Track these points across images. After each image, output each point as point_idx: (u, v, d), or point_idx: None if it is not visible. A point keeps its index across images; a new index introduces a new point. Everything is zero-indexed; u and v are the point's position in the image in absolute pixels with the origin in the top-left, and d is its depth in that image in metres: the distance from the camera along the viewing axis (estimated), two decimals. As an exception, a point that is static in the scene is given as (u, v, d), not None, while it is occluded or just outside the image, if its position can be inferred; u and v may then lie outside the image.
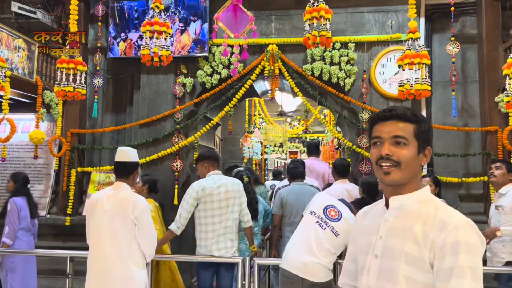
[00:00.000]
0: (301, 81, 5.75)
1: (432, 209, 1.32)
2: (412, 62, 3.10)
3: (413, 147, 1.35)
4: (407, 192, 1.36)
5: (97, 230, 3.01)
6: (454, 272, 1.18)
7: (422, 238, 1.26)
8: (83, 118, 6.19)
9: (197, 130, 5.98)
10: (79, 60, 3.35)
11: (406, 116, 1.38)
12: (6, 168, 6.26)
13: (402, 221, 1.33)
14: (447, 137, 5.75)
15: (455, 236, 1.22)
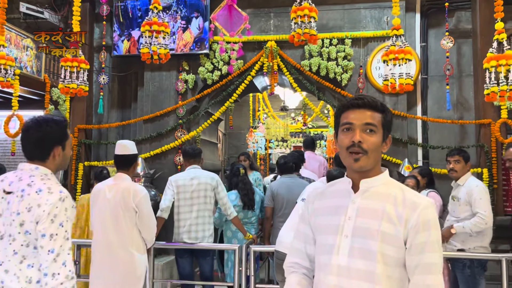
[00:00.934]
0: (300, 76, 5.91)
1: (398, 190, 1.47)
2: (396, 58, 3.25)
3: (380, 135, 1.47)
4: (374, 175, 1.48)
5: (101, 218, 3.22)
6: (427, 247, 1.37)
7: (396, 218, 1.40)
8: (89, 114, 6.41)
9: (199, 125, 6.18)
10: (82, 59, 3.56)
11: (376, 105, 1.49)
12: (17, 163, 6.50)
13: (372, 202, 1.45)
14: (442, 130, 5.88)
15: (426, 215, 1.40)
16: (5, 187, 1.87)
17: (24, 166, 1.92)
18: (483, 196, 3.50)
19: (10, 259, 1.80)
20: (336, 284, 1.43)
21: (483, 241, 3.58)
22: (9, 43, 4.91)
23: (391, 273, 1.39)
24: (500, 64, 3.07)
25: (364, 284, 1.39)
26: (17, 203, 1.81)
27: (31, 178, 1.86)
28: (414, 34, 5.91)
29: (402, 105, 5.74)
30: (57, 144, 1.96)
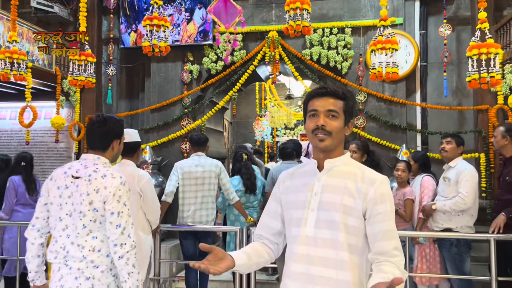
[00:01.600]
0: (301, 65, 6.06)
1: (357, 169, 1.66)
2: (384, 48, 3.40)
3: (342, 120, 1.63)
4: (336, 156, 1.67)
5: None
6: (384, 216, 1.56)
7: (356, 192, 1.58)
8: (99, 104, 6.66)
9: (204, 114, 6.39)
10: (89, 53, 3.77)
11: (337, 94, 1.66)
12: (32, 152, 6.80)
13: (335, 180, 1.63)
14: (441, 116, 6.00)
15: (382, 189, 1.59)
16: (73, 173, 2.19)
17: (88, 156, 2.25)
18: (469, 178, 3.65)
19: (79, 232, 2.12)
20: (305, 253, 1.61)
21: (469, 221, 3.74)
22: (21, 37, 5.15)
23: (352, 240, 1.57)
24: (481, 52, 3.20)
25: (329, 251, 1.58)
26: (86, 186, 2.13)
27: (95, 166, 2.19)
28: (414, 22, 6.01)
29: (401, 92, 5.87)
30: (116, 138, 2.32)
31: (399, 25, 5.90)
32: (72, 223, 2.14)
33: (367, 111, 5.90)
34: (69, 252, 2.12)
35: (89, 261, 2.11)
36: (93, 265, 2.12)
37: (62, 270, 2.13)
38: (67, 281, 2.10)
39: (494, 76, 3.18)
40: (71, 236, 2.14)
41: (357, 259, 1.58)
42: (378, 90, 5.90)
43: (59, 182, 2.20)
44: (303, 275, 1.60)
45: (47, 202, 2.23)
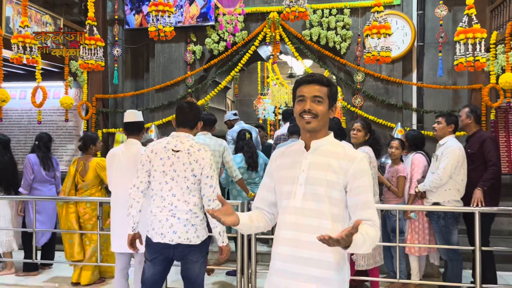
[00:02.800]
0: (301, 46, 6.23)
1: (340, 148, 1.89)
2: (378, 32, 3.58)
3: (326, 104, 1.86)
4: (321, 137, 1.90)
5: (117, 179, 3.67)
6: (363, 189, 1.79)
7: (338, 168, 1.82)
8: (105, 85, 6.88)
9: (207, 93, 6.61)
10: (98, 37, 3.96)
11: (322, 81, 1.88)
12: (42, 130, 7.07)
13: (320, 158, 1.86)
14: (437, 95, 6.19)
15: (361, 165, 1.82)
16: (172, 147, 2.80)
17: (180, 134, 2.85)
18: (449, 155, 3.87)
19: (184, 192, 2.78)
20: (293, 221, 1.86)
21: (456, 195, 3.99)
22: (30, 20, 5.33)
23: (335, 211, 1.82)
24: (467, 37, 3.38)
25: (314, 219, 1.83)
26: (187, 158, 2.79)
27: (189, 142, 2.83)
28: (411, 3, 6.13)
29: (397, 72, 6.05)
30: (199, 120, 2.99)
31: (397, 5, 6.04)
32: (176, 185, 2.78)
33: (364, 91, 6.10)
34: (177, 207, 2.76)
35: (193, 212, 2.78)
36: (196, 215, 2.80)
37: (171, 220, 2.76)
38: (179, 228, 2.75)
39: (479, 60, 3.36)
40: (177, 195, 2.78)
41: (339, 227, 1.81)
42: (376, 70, 6.08)
43: (160, 154, 2.79)
44: (292, 241, 1.85)
45: (149, 169, 2.83)
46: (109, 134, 6.91)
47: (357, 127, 4.09)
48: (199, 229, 2.82)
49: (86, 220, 4.40)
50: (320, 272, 1.80)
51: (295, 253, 1.83)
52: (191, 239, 2.80)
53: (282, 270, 1.87)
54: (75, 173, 4.44)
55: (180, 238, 2.76)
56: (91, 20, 3.97)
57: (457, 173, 3.97)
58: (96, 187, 4.47)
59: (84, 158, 4.50)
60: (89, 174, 4.39)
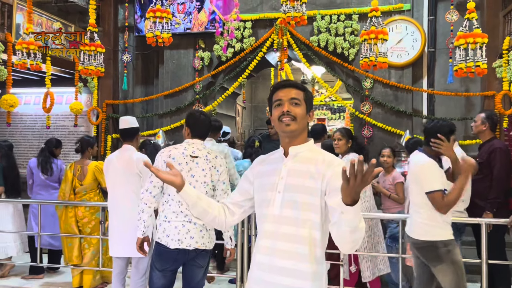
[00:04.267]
0: (309, 52, 6.18)
1: (319, 155, 1.84)
2: (376, 37, 3.50)
3: (303, 108, 1.82)
4: (300, 143, 1.85)
5: (113, 184, 3.71)
6: None
7: (316, 174, 1.77)
8: (116, 91, 6.97)
9: (215, 100, 6.61)
10: (98, 43, 4.01)
11: (298, 85, 1.86)
12: (54, 135, 7.21)
13: (299, 165, 1.82)
14: (449, 102, 6.03)
15: (339, 169, 1.75)
16: (190, 153, 2.87)
17: (195, 141, 2.94)
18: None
19: None
20: (271, 230, 1.82)
21: (459, 206, 3.84)
22: (41, 27, 5.46)
23: (312, 217, 1.76)
24: (468, 42, 3.27)
25: (291, 228, 1.77)
26: (206, 164, 2.87)
27: (205, 149, 2.93)
28: (422, 8, 6.01)
29: (407, 79, 5.93)
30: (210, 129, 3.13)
31: (407, 11, 5.93)
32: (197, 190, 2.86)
33: (373, 97, 5.99)
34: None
35: None
36: None
37: (187, 226, 2.79)
38: (195, 233, 2.79)
39: (479, 66, 3.24)
40: None
41: (316, 234, 1.76)
42: (384, 77, 5.97)
43: (179, 159, 2.84)
44: (269, 249, 1.81)
45: None
46: (119, 140, 6.97)
47: (337, 136, 3.99)
48: (211, 234, 2.89)
49: (85, 224, 4.43)
50: (295, 282, 1.75)
51: (271, 262, 1.79)
52: (206, 244, 2.86)
53: (258, 279, 1.83)
54: (72, 177, 4.48)
55: (198, 243, 2.81)
56: (92, 26, 4.02)
57: None
58: (94, 190, 4.50)
59: (80, 162, 4.53)
60: (87, 178, 4.43)
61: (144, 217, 2.91)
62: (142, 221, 2.92)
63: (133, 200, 3.63)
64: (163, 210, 2.89)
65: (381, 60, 3.61)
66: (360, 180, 1.43)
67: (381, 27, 3.59)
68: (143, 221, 2.92)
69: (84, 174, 4.44)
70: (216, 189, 2.94)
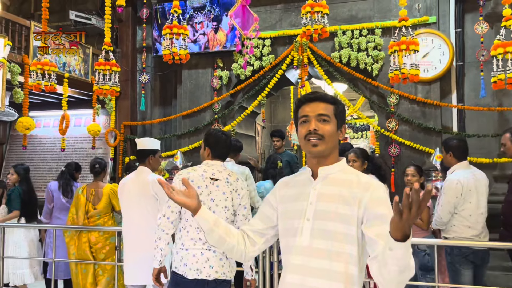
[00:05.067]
0: (330, 68, 5.97)
1: (353, 176, 1.60)
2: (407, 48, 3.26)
3: (333, 124, 1.61)
4: (331, 163, 1.62)
5: (128, 208, 3.56)
6: (384, 218, 1.45)
7: (351, 199, 1.53)
8: (134, 112, 6.88)
9: (234, 119, 6.43)
10: (113, 62, 3.90)
11: (326, 98, 1.63)
12: (73, 158, 7.14)
13: (330, 188, 1.58)
14: (480, 118, 5.69)
15: (377, 193, 1.53)
16: (210, 176, 2.67)
17: (215, 163, 2.74)
18: (446, 191, 3.42)
19: None
20: (300, 263, 1.57)
21: (464, 232, 3.44)
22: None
23: (347, 249, 1.51)
24: (507, 51, 3.00)
25: (324, 261, 1.53)
26: (226, 187, 2.66)
27: (226, 171, 2.73)
28: (449, 20, 5.76)
29: (435, 94, 5.64)
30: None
31: (433, 24, 5.68)
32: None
33: (399, 114, 5.72)
34: None
35: None
36: None
37: (206, 254, 2.57)
38: (215, 262, 2.57)
39: (520, 76, 2.97)
40: None
41: (353, 270, 1.52)
42: (411, 92, 5.70)
43: (198, 182, 2.63)
44: (298, 286, 1.57)
45: None
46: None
47: (351, 158, 3.75)
48: (232, 263, 2.69)
49: (99, 249, 4.23)
50: None
51: None
52: (227, 273, 2.64)
53: None
54: (85, 201, 4.29)
55: (218, 272, 2.59)
56: (107, 45, 3.92)
57: (462, 208, 3.45)
58: (108, 214, 4.32)
59: (94, 185, 4.35)
60: (102, 201, 4.25)
61: (162, 245, 2.68)
62: (159, 249, 2.68)
63: (149, 224, 3.46)
64: (180, 237, 2.66)
65: (414, 72, 3.35)
66: (416, 212, 1.20)
67: (411, 37, 3.35)
68: (160, 249, 2.68)
69: (99, 198, 4.26)
70: (236, 214, 2.73)
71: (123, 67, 6.66)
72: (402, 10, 3.51)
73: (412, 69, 3.34)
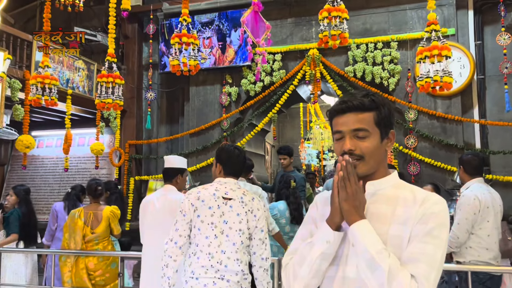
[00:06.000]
0: (344, 83, 5.72)
1: (408, 192, 1.32)
2: (439, 54, 2.99)
3: (376, 136, 1.32)
4: (380, 177, 1.34)
5: (152, 228, 3.28)
6: (423, 237, 1.21)
7: (405, 219, 1.26)
8: (139, 130, 6.64)
9: (243, 137, 6.17)
10: (117, 74, 3.67)
11: (364, 105, 1.32)
12: (76, 178, 6.89)
13: (380, 206, 1.32)
14: (504, 134, 5.39)
15: (431, 208, 1.25)
16: (223, 194, 2.41)
17: (229, 180, 2.48)
18: (462, 207, 3.09)
19: (238, 248, 2.34)
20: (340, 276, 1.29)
21: (482, 255, 3.07)
22: (62, 65, 5.22)
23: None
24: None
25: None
26: (241, 208, 2.40)
27: (240, 190, 2.47)
28: (468, 33, 5.53)
29: (456, 109, 5.35)
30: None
31: (451, 36, 5.43)
32: (227, 240, 2.35)
33: (418, 130, 5.42)
34: (227, 266, 2.32)
35: (244, 274, 2.36)
36: (245, 277, 2.37)
37: (219, 284, 2.30)
38: None
39: None
40: (227, 251, 2.34)
41: None
42: (430, 107, 5.42)
43: (209, 203, 2.37)
44: None
45: (191, 220, 2.39)
46: (142, 182, 6.57)
47: None
48: None
49: (98, 276, 3.89)
50: None
51: None
52: None
53: None
54: (83, 225, 3.97)
55: None
56: (111, 56, 3.69)
57: (479, 227, 3.10)
58: (107, 239, 4.00)
59: (93, 208, 4.02)
60: (101, 225, 3.93)
61: (169, 273, 2.39)
62: (166, 278, 2.40)
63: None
64: (190, 264, 2.36)
65: (447, 80, 3.06)
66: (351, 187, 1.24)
67: (442, 42, 3.08)
68: (167, 278, 2.40)
69: (98, 221, 3.94)
70: (252, 238, 2.42)
71: (129, 84, 6.46)
72: (431, 14, 3.25)
73: (446, 76, 3.05)
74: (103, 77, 3.61)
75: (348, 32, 3.16)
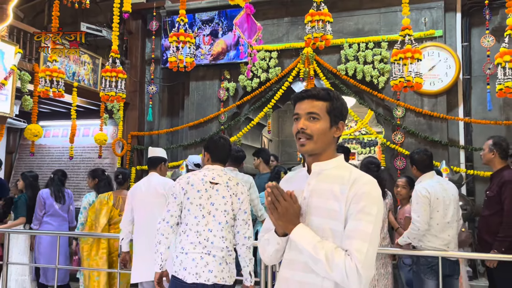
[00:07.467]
0: (336, 81, 5.99)
1: (347, 172, 1.57)
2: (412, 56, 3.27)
3: (325, 122, 1.57)
4: (325, 160, 1.60)
5: (140, 208, 3.71)
6: (359, 215, 1.45)
7: (340, 194, 1.51)
8: (141, 122, 6.95)
9: (240, 130, 6.46)
10: (120, 69, 3.97)
11: (319, 95, 1.60)
12: (80, 167, 7.21)
13: (323, 184, 1.57)
14: (487, 132, 5.60)
15: (363, 188, 1.49)
16: (210, 179, 2.69)
17: (216, 167, 2.76)
18: (418, 200, 3.34)
19: (223, 227, 2.65)
20: (289, 258, 1.58)
21: (432, 242, 3.35)
22: (68, 59, 5.53)
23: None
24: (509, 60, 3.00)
25: None
26: (226, 191, 2.69)
27: (226, 175, 2.76)
28: (455, 34, 5.77)
29: (441, 107, 5.62)
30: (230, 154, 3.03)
31: (439, 37, 5.69)
32: (213, 220, 2.64)
33: (405, 126, 5.70)
34: (213, 243, 2.60)
35: (228, 250, 2.65)
36: (229, 253, 2.67)
37: (206, 258, 2.58)
38: (214, 266, 2.59)
39: (525, 85, 2.96)
40: (213, 230, 2.63)
41: None
42: (417, 105, 5.69)
43: (198, 186, 2.66)
44: (288, 280, 1.57)
45: (181, 202, 2.69)
46: (143, 171, 6.88)
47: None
48: (231, 268, 2.70)
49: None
50: None
51: None
52: (226, 278, 2.64)
53: None
54: (112, 208, 4.36)
55: (217, 277, 2.59)
56: (114, 52, 3.99)
57: (430, 217, 3.38)
58: None
59: (120, 193, 4.45)
60: None
61: (162, 250, 2.68)
62: (159, 253, 2.69)
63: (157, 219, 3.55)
64: (180, 241, 2.67)
65: (418, 80, 3.35)
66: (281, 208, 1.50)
67: (415, 47, 3.35)
68: (160, 253, 2.69)
69: None
70: (236, 218, 2.75)
71: (132, 78, 6.76)
72: (405, 19, 3.53)
73: (417, 77, 3.33)
74: (107, 72, 3.92)
75: (331, 34, 3.43)
